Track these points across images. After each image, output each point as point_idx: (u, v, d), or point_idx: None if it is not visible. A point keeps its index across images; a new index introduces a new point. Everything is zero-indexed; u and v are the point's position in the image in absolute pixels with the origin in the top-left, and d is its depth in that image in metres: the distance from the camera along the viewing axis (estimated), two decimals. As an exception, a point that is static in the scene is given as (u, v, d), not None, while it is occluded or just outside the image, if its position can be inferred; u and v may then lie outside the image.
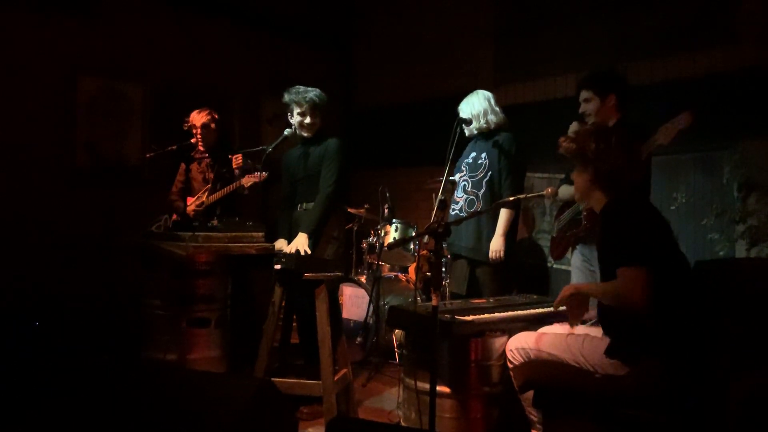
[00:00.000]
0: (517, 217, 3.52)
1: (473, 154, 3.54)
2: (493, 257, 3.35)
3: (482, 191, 3.44)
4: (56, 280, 4.14)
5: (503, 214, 3.38)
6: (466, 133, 3.55)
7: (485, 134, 3.52)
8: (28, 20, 4.28)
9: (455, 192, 3.57)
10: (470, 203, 3.46)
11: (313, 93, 3.40)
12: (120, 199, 4.54)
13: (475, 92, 3.57)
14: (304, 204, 3.44)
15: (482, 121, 3.48)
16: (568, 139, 2.27)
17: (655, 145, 2.70)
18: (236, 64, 5.55)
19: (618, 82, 3.10)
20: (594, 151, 2.17)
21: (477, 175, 3.47)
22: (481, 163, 3.47)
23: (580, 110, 3.11)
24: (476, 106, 3.50)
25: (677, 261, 2.10)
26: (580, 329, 2.33)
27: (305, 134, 3.43)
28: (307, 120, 3.40)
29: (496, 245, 3.35)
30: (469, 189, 3.48)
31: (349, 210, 4.51)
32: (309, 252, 3.14)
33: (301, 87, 3.44)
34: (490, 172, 3.43)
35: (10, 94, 4.20)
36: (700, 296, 2.14)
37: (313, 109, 3.38)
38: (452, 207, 3.56)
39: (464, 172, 3.54)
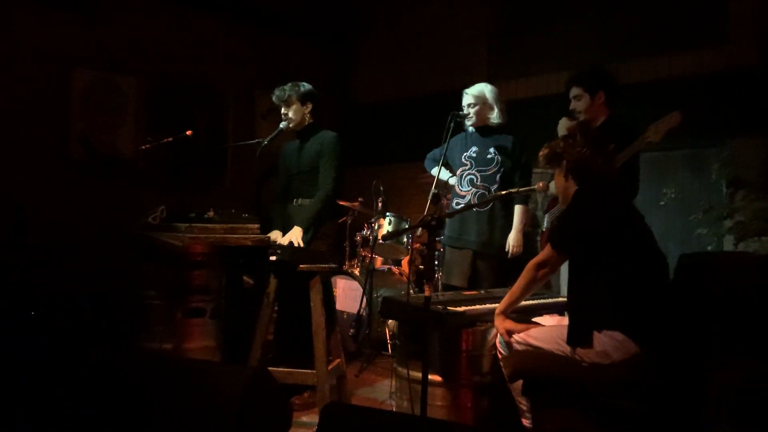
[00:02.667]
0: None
1: (474, 149, 3.54)
2: (514, 252, 3.43)
3: (495, 186, 3.48)
4: (52, 271, 4.16)
5: (519, 210, 3.48)
6: (468, 123, 3.56)
7: (483, 129, 3.55)
8: (23, 13, 4.29)
9: (458, 185, 3.58)
10: (481, 197, 3.48)
11: (286, 86, 3.45)
12: (115, 190, 4.56)
13: (487, 86, 3.58)
14: (300, 199, 3.46)
15: (496, 115, 3.51)
16: (543, 149, 2.44)
17: (645, 142, 2.75)
18: (231, 58, 5.57)
19: (607, 79, 3.15)
20: (562, 147, 2.34)
21: (488, 170, 3.49)
22: (492, 158, 3.49)
23: (570, 107, 3.16)
24: (493, 94, 3.52)
25: (637, 250, 2.20)
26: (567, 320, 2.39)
27: (290, 126, 3.47)
28: (282, 111, 3.45)
29: (517, 240, 3.43)
30: (478, 183, 3.50)
31: (342, 203, 4.55)
32: (302, 245, 3.18)
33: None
34: (503, 168, 3.47)
35: (5, 86, 4.21)
36: (682, 287, 2.20)
37: (287, 101, 3.42)
38: (457, 201, 3.57)
39: (468, 166, 3.55)
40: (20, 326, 3.53)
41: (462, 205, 3.51)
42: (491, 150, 3.50)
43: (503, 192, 3.16)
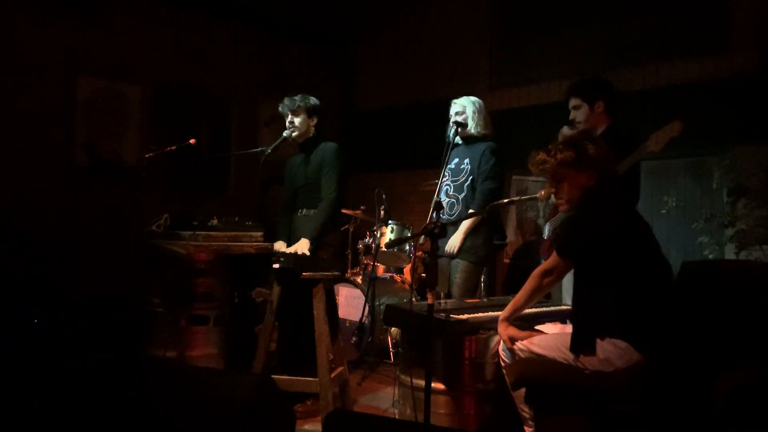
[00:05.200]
0: (494, 221, 3.64)
1: (456, 160, 3.63)
2: (448, 251, 3.43)
3: (463, 195, 3.53)
4: (57, 278, 4.18)
5: (471, 218, 3.42)
6: (458, 140, 3.61)
7: (467, 140, 3.60)
8: (28, 20, 4.33)
9: (438, 195, 3.62)
10: (451, 206, 3.56)
11: (297, 96, 3.51)
12: (119, 198, 4.58)
13: (472, 97, 3.62)
14: (305, 210, 3.51)
15: (481, 128, 3.54)
16: (538, 159, 2.38)
17: (646, 151, 2.76)
18: (235, 66, 5.60)
19: (605, 88, 3.16)
20: (594, 154, 2.29)
21: (458, 179, 3.57)
22: (464, 168, 3.56)
23: (570, 117, 3.18)
24: (476, 106, 3.56)
25: (642, 258, 2.21)
26: (570, 328, 2.40)
27: (294, 135, 3.50)
28: (289, 119, 3.49)
29: (455, 241, 3.42)
30: (450, 192, 3.58)
31: (345, 211, 4.57)
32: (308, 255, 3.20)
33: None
34: (471, 177, 3.53)
35: (10, 93, 4.24)
36: (685, 295, 2.22)
37: (295, 110, 3.47)
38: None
39: (446, 177, 3.63)
40: (24, 332, 3.55)
41: (445, 216, 3.54)
42: (465, 161, 3.57)
43: (505, 200, 3.17)
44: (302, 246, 3.22)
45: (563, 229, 2.46)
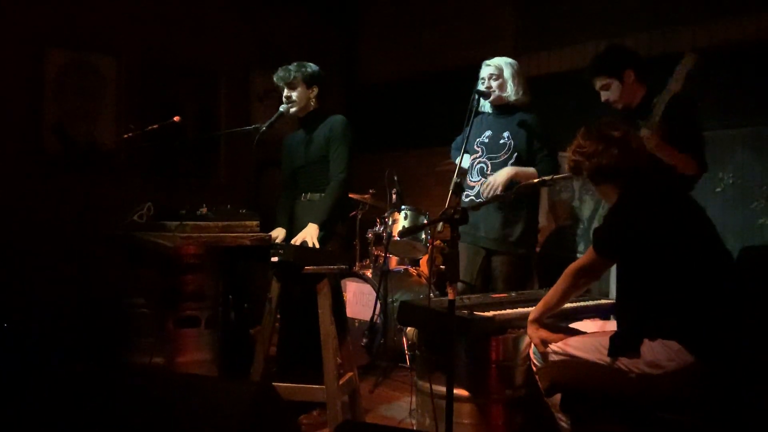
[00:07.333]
0: (537, 203, 3.64)
1: (488, 133, 3.58)
2: (484, 190, 3.42)
3: None
4: (24, 278, 4.21)
5: (532, 169, 3.45)
6: (486, 108, 3.60)
7: (500, 109, 3.57)
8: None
9: (468, 176, 3.62)
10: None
11: (291, 66, 3.50)
12: (94, 186, 4.58)
13: (506, 58, 3.61)
14: (309, 194, 3.52)
15: (520, 94, 3.52)
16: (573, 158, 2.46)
17: (670, 95, 2.75)
18: (222, 34, 5.59)
19: (629, 54, 3.16)
20: (585, 161, 2.38)
21: (499, 157, 3.52)
22: (504, 144, 3.51)
23: (603, 100, 3.15)
24: (514, 68, 3.54)
25: (695, 248, 2.20)
26: (612, 325, 2.40)
27: (292, 111, 3.49)
28: (285, 93, 3.48)
29: (501, 178, 3.39)
30: (488, 172, 3.53)
31: (352, 196, 4.57)
32: (317, 245, 3.20)
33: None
34: (516, 154, 3.49)
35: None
36: (743, 285, 2.20)
37: (291, 83, 3.45)
38: (466, 192, 3.61)
39: (480, 153, 3.58)
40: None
41: (471, 197, 3.55)
42: (505, 134, 3.53)
43: (535, 180, 3.15)
44: (311, 233, 3.22)
45: (602, 221, 2.47)
